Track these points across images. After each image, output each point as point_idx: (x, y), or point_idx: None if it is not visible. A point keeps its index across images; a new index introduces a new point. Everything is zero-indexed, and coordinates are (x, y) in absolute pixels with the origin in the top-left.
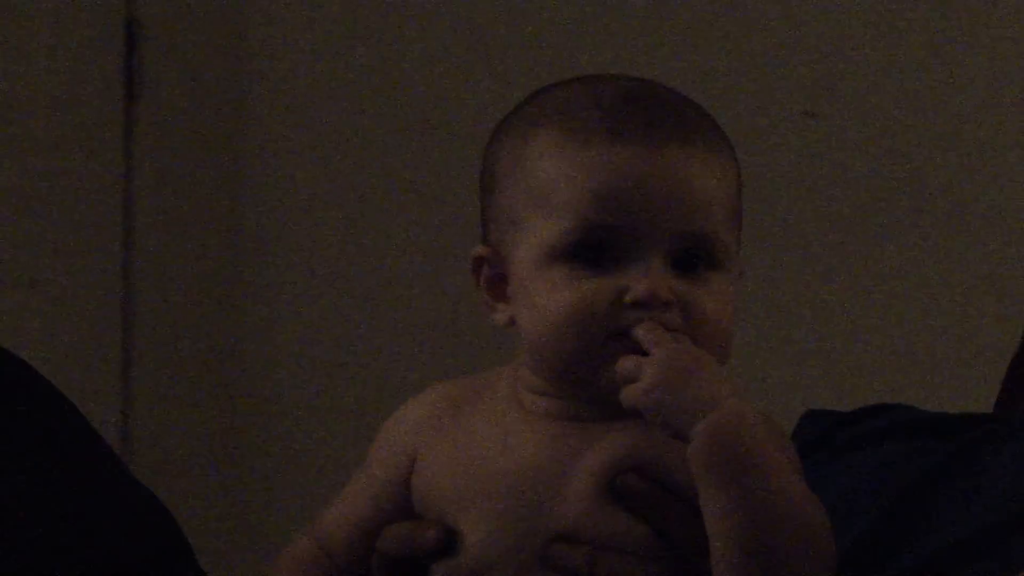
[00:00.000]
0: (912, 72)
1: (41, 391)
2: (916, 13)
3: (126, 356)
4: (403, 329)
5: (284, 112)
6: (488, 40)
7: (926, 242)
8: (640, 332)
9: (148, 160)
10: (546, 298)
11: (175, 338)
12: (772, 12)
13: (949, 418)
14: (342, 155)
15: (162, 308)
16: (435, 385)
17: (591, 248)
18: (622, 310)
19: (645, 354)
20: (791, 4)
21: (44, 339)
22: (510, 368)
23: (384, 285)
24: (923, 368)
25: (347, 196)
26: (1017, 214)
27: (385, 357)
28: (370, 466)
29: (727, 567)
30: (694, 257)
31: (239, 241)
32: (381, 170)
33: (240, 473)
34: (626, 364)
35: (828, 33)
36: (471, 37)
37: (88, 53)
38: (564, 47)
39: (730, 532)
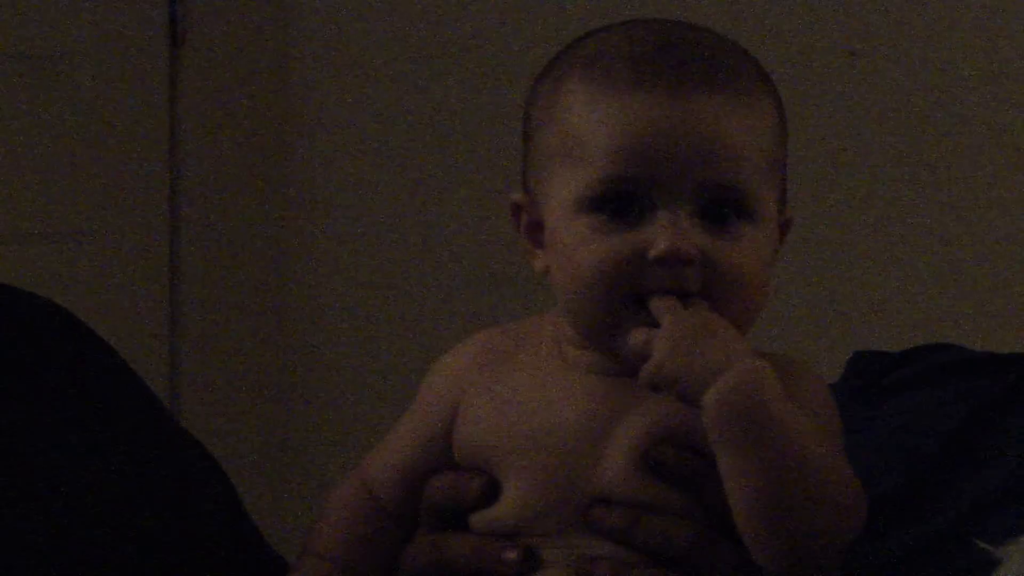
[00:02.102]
0: (954, 9)
1: (89, 343)
2: None
3: (173, 307)
4: (450, 274)
5: (330, 56)
6: None
7: (970, 180)
8: (653, 303)
9: (193, 106)
10: (572, 253)
11: (222, 288)
12: None
13: (998, 358)
14: (389, 98)
15: (209, 257)
16: (478, 333)
17: (616, 200)
18: (645, 268)
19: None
20: None
21: (91, 291)
22: (553, 315)
23: (431, 227)
24: (970, 307)
25: (395, 142)
26: None
27: (432, 302)
28: (415, 412)
29: (747, 529)
30: (724, 208)
31: (286, 186)
32: (429, 112)
33: (288, 422)
34: (637, 338)
35: None
36: None
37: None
38: None
39: (746, 495)
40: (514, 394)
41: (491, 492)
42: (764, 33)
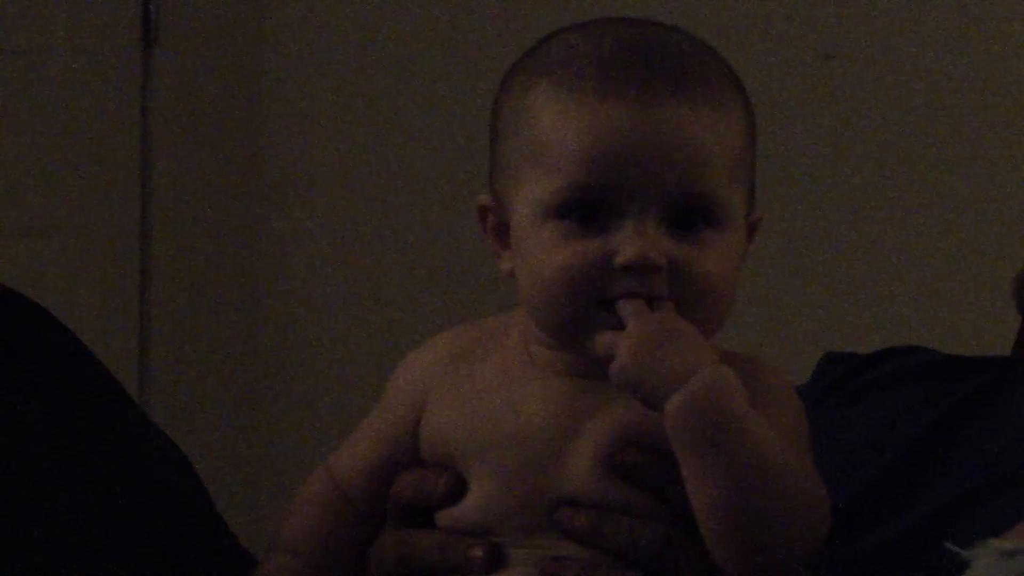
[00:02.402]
0: (930, 11)
1: (58, 336)
2: None
3: (143, 304)
4: (423, 270)
5: (303, 55)
6: None
7: (945, 183)
8: (620, 305)
9: (165, 104)
10: (538, 258)
11: (193, 285)
12: None
13: (967, 361)
14: (361, 98)
15: (181, 254)
16: (446, 331)
17: (583, 207)
18: (612, 274)
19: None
20: None
21: (61, 286)
22: (521, 313)
23: (403, 224)
24: (941, 310)
25: (367, 141)
26: None
27: (404, 298)
28: (382, 409)
29: (709, 534)
30: (692, 216)
31: (258, 185)
32: (401, 112)
33: (258, 418)
34: (603, 340)
35: None
36: None
37: None
38: None
39: (708, 502)
40: (480, 394)
41: (457, 490)
42: (740, 36)
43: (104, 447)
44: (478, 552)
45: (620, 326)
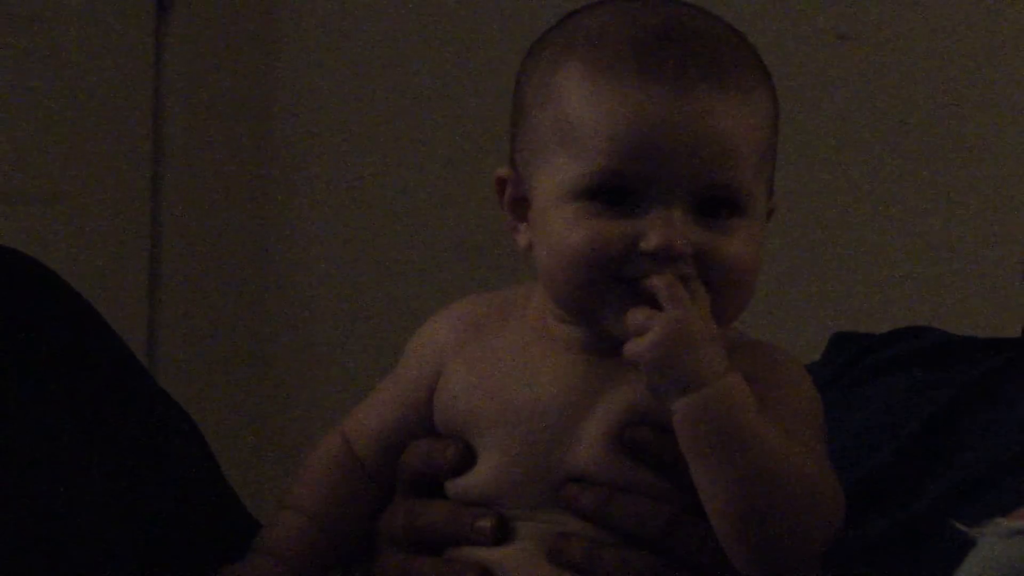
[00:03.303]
0: None
1: (69, 301)
2: None
3: (153, 269)
4: (436, 239)
5: (318, 26)
6: None
7: (959, 166)
8: (658, 283)
9: (179, 72)
10: (561, 234)
11: (204, 252)
12: None
13: (977, 342)
14: (374, 71)
15: (191, 223)
16: (464, 300)
17: (612, 191)
18: (635, 257)
19: (657, 306)
20: None
21: (72, 253)
22: (538, 286)
23: (418, 194)
24: (953, 291)
25: (383, 116)
26: None
27: (416, 267)
28: (397, 376)
29: (720, 534)
30: (718, 203)
31: (269, 155)
32: (414, 87)
33: (268, 384)
34: (637, 316)
35: None
36: None
37: None
38: None
39: (716, 505)
40: (495, 365)
41: (466, 460)
42: (753, 15)
43: (110, 412)
44: (486, 522)
45: (637, 303)
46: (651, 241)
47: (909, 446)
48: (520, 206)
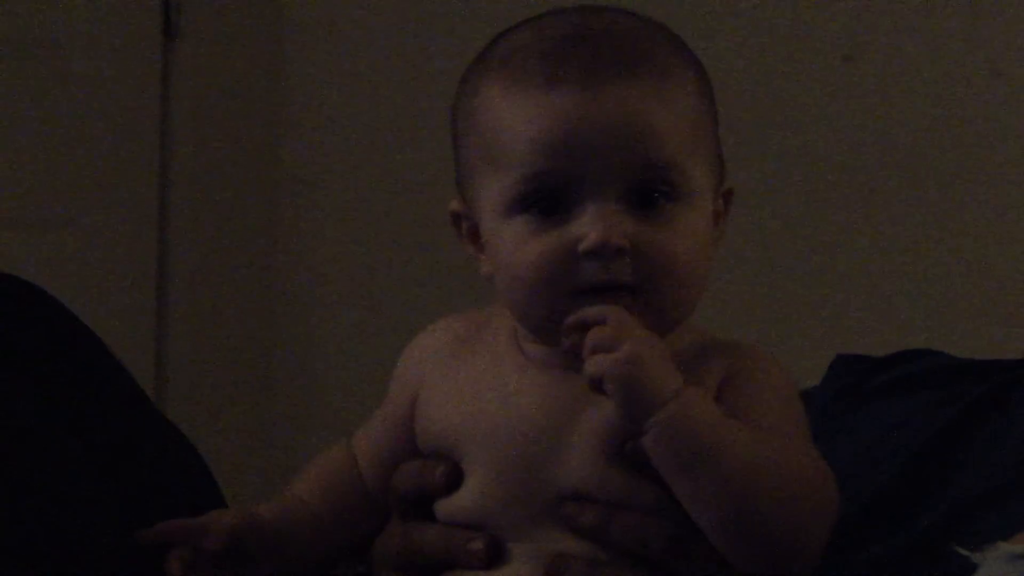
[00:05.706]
0: (949, 13)
1: (71, 328)
2: None
3: (160, 296)
4: (444, 255)
5: (324, 48)
6: None
7: (961, 185)
8: (587, 311)
9: (185, 98)
10: (507, 256)
11: (210, 278)
12: None
13: (978, 364)
14: (378, 95)
15: (198, 247)
16: (442, 320)
17: (544, 198)
18: (578, 262)
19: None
20: None
21: (79, 278)
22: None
23: (422, 215)
24: (955, 313)
25: (387, 135)
26: None
27: (425, 282)
28: (388, 398)
29: (715, 541)
30: (652, 191)
31: (276, 177)
32: (420, 108)
33: (273, 415)
34: (569, 341)
35: None
36: None
37: None
38: None
39: (704, 516)
40: (473, 384)
41: (456, 480)
42: (760, 38)
43: (114, 440)
44: (478, 544)
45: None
46: (588, 241)
47: (911, 468)
48: (476, 236)
